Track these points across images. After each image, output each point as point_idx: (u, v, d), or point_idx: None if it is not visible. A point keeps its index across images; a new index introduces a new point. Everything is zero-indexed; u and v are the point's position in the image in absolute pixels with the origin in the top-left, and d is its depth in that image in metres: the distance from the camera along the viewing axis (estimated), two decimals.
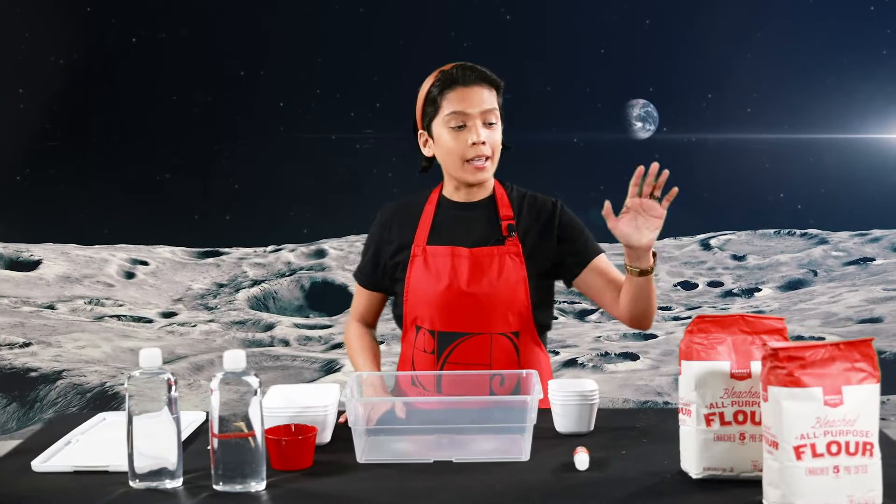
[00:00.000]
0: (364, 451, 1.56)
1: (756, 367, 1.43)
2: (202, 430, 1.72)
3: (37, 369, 3.38)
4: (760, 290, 3.95)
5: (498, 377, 1.76)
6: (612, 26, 3.81)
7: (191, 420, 1.73)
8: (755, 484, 1.38)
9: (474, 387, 1.74)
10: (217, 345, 3.64)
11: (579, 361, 3.80)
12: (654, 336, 3.88)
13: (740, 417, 1.42)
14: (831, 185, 3.85)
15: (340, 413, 1.71)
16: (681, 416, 1.47)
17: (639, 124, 3.86)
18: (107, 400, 3.41)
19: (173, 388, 1.44)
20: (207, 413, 1.66)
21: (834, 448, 1.29)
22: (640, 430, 1.70)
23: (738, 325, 1.46)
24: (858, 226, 3.96)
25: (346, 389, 1.59)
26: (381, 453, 1.56)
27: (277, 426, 1.55)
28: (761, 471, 1.35)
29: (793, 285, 3.95)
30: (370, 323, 2.04)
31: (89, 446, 1.63)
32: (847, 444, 1.29)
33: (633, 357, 3.84)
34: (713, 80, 3.82)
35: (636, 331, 3.79)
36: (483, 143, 1.83)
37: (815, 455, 1.28)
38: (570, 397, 1.65)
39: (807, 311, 3.93)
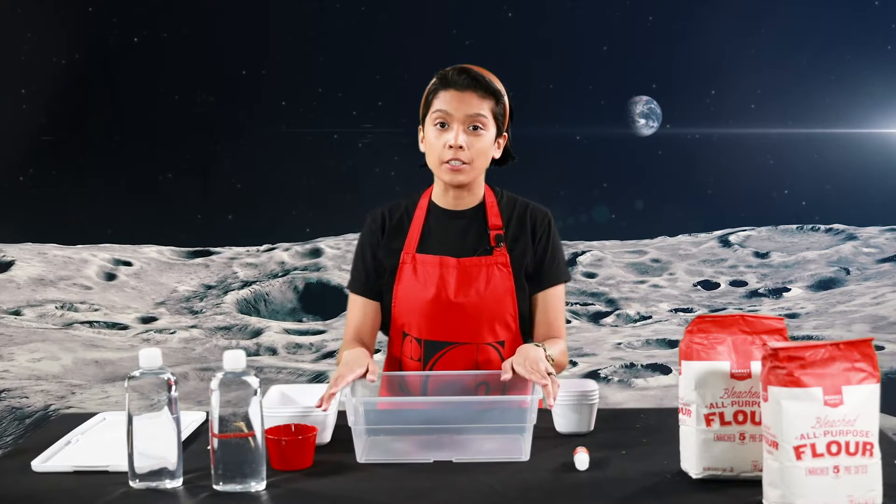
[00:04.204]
0: (364, 451, 1.55)
1: (756, 367, 1.42)
2: (202, 430, 1.72)
3: None
4: (789, 289, 3.80)
5: (483, 386, 1.75)
6: (615, 23, 3.82)
7: (191, 420, 1.73)
8: (755, 484, 1.37)
9: (460, 392, 1.73)
10: (196, 354, 3.39)
11: (602, 375, 3.53)
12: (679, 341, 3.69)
13: (740, 417, 1.42)
14: (836, 180, 3.84)
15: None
16: (681, 416, 1.46)
17: (642, 121, 3.86)
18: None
19: (173, 387, 1.44)
20: (207, 413, 1.66)
21: (834, 448, 1.28)
22: (640, 430, 1.69)
23: (738, 325, 1.46)
24: (867, 221, 3.91)
25: (347, 389, 1.59)
26: (381, 453, 1.56)
27: (277, 426, 1.55)
28: (761, 471, 1.35)
29: (825, 284, 3.80)
30: (367, 342, 1.91)
31: (89, 446, 1.63)
32: (847, 444, 1.29)
33: (664, 370, 3.60)
34: (716, 76, 3.82)
35: (658, 337, 3.68)
36: (461, 147, 1.80)
37: (815, 455, 1.28)
38: (570, 397, 1.64)
39: (850, 315, 3.74)
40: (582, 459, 1.49)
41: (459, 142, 1.80)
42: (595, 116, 3.86)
